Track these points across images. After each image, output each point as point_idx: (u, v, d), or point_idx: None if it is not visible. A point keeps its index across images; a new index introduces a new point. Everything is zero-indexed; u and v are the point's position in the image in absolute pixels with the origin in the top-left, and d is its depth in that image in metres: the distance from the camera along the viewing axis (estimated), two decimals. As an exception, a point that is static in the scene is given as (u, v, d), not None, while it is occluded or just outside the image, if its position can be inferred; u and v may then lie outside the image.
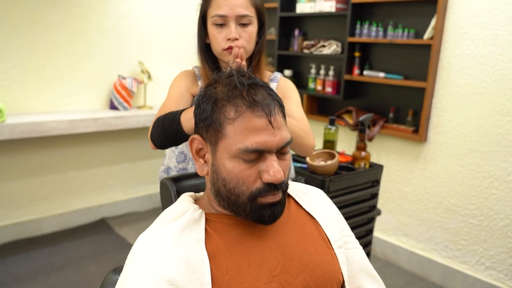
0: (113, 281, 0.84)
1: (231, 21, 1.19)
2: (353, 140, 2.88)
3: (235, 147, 0.73)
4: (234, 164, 0.74)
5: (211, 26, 1.21)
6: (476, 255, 2.39)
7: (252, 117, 0.73)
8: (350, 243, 0.93)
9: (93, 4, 2.80)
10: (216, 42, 1.21)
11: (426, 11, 2.47)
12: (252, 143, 0.72)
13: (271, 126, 0.73)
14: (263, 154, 0.74)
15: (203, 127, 0.78)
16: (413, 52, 2.58)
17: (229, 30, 1.19)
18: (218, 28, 1.20)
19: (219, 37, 1.20)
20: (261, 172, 0.74)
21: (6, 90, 2.55)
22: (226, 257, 0.75)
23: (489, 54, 2.22)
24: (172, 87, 1.29)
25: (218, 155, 0.76)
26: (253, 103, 0.73)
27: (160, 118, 1.12)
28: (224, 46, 1.20)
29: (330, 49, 2.94)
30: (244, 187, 0.74)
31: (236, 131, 0.73)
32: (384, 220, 2.82)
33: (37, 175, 2.79)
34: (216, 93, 0.77)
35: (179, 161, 1.36)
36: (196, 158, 0.82)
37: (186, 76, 1.31)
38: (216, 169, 0.77)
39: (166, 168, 1.41)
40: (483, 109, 2.27)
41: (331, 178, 1.69)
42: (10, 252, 2.61)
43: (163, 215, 0.82)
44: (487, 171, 2.29)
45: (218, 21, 1.19)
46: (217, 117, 0.75)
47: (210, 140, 0.77)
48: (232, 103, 0.74)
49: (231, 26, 1.19)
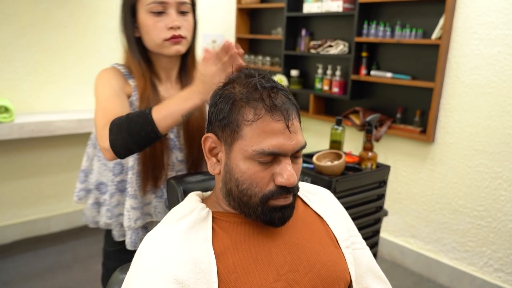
0: (120, 280, 0.84)
1: (171, 8, 1.08)
2: (360, 140, 2.87)
3: (251, 149, 0.73)
4: (249, 166, 0.74)
5: (147, 15, 1.08)
6: (484, 257, 2.37)
7: (271, 121, 0.73)
8: (358, 243, 0.92)
9: (101, 4, 2.82)
10: (155, 32, 1.08)
11: (434, 10, 2.45)
12: (269, 146, 0.72)
13: (288, 130, 0.74)
14: (278, 157, 0.75)
15: (219, 127, 0.78)
16: (421, 52, 2.57)
17: (169, 18, 1.08)
18: (156, 17, 1.07)
19: (158, 26, 1.08)
20: (275, 175, 0.75)
21: (15, 90, 2.58)
22: (233, 255, 0.75)
23: (498, 54, 2.20)
24: (102, 87, 1.09)
25: (232, 155, 0.76)
26: (273, 107, 0.74)
27: (122, 122, 0.95)
28: (166, 35, 1.08)
29: (337, 49, 2.93)
30: (257, 188, 0.75)
31: (253, 133, 0.73)
32: (391, 221, 2.80)
33: (45, 174, 2.82)
34: (235, 93, 0.77)
35: (116, 173, 1.17)
36: (209, 156, 0.82)
37: (114, 75, 1.13)
38: (230, 169, 0.77)
39: (98, 184, 1.21)
40: (492, 110, 2.25)
41: (337, 178, 1.69)
42: (19, 250, 2.64)
43: (170, 214, 0.82)
44: (495, 172, 2.27)
45: (157, 8, 1.07)
46: (235, 118, 0.75)
47: (225, 140, 0.77)
48: (252, 105, 0.74)
49: (172, 13, 1.08)
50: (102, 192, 1.22)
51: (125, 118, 0.96)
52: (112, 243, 1.28)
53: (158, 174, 1.16)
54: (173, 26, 1.08)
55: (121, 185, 1.17)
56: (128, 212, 1.15)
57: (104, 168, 1.19)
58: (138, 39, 1.13)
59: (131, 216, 1.15)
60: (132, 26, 1.11)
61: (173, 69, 1.20)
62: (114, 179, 1.16)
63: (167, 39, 1.08)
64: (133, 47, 1.13)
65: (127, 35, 1.13)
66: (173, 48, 1.10)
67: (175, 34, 1.08)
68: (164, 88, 1.18)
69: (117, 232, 1.23)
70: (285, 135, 0.74)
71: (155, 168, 1.14)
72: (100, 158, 1.20)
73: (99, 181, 1.21)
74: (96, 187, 1.21)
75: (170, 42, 1.09)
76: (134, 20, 1.11)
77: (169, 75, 1.19)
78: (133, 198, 1.15)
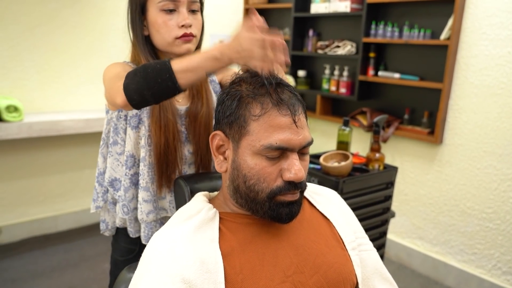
0: (127, 279, 0.85)
1: (183, 6, 1.06)
2: (367, 141, 2.86)
3: (258, 144, 0.73)
4: (256, 161, 0.75)
5: (158, 13, 1.06)
6: (493, 259, 2.35)
7: (278, 115, 0.74)
8: (364, 245, 0.92)
9: (110, 5, 2.84)
10: (166, 30, 1.06)
11: (443, 11, 2.43)
12: (276, 140, 0.73)
13: (295, 125, 0.74)
14: (285, 153, 0.75)
15: (227, 124, 0.78)
16: (429, 52, 2.55)
17: (181, 16, 1.06)
18: (168, 15, 1.05)
19: (170, 24, 1.06)
20: (283, 170, 0.75)
21: (24, 90, 2.60)
22: (240, 256, 0.75)
23: (508, 55, 2.18)
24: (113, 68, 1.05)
25: (240, 152, 0.76)
26: (280, 102, 0.74)
27: (138, 68, 0.89)
28: (178, 33, 1.06)
29: (344, 49, 2.92)
30: (264, 184, 0.75)
31: (260, 128, 0.74)
32: (398, 222, 2.79)
33: (53, 173, 2.84)
34: (241, 90, 0.78)
35: (129, 166, 1.14)
36: (216, 154, 0.82)
37: (124, 66, 1.08)
38: (237, 166, 0.77)
39: (111, 181, 1.18)
40: (501, 111, 2.23)
41: (344, 179, 1.68)
42: (27, 248, 2.66)
43: (178, 214, 0.82)
44: (504, 174, 2.25)
45: (168, 6, 1.05)
46: (242, 113, 0.76)
47: (233, 137, 0.78)
48: (258, 100, 0.75)
49: (183, 11, 1.06)
50: (116, 189, 1.19)
51: (142, 65, 0.90)
52: (122, 252, 1.26)
53: (172, 167, 1.15)
54: (185, 24, 1.06)
55: (135, 178, 1.16)
56: (141, 205, 1.14)
57: (117, 164, 1.17)
58: (146, 37, 1.11)
59: (143, 209, 1.14)
60: (141, 24, 1.09)
61: None
62: (128, 173, 1.14)
63: (179, 37, 1.06)
64: (141, 46, 1.10)
65: (135, 33, 1.11)
66: (184, 46, 1.08)
67: (186, 32, 1.06)
68: None
69: (133, 228, 1.21)
70: (292, 130, 0.74)
71: (169, 161, 1.13)
72: (112, 154, 1.17)
73: (112, 177, 1.18)
74: (110, 184, 1.19)
75: (181, 40, 1.07)
76: (143, 18, 1.09)
77: None
78: (145, 190, 1.13)
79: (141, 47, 1.10)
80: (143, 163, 1.12)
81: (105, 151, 1.20)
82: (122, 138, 1.15)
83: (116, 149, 1.16)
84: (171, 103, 1.11)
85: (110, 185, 1.19)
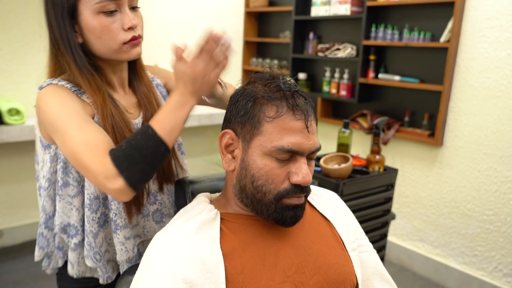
0: (129, 280, 0.85)
1: (124, 5, 0.89)
2: (367, 143, 2.86)
3: (270, 145, 0.75)
4: (266, 162, 0.76)
5: (95, 16, 0.87)
6: (494, 261, 2.34)
7: (292, 119, 0.76)
8: (364, 246, 0.93)
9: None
10: (110, 36, 0.89)
11: (443, 13, 2.44)
12: (288, 143, 0.74)
13: (307, 130, 0.76)
14: (294, 156, 0.76)
15: (239, 123, 0.79)
16: (429, 55, 2.56)
17: (126, 17, 0.89)
18: (109, 17, 0.88)
19: (113, 28, 0.88)
20: (291, 174, 0.76)
21: (26, 93, 2.61)
22: (241, 256, 0.75)
23: (508, 57, 2.18)
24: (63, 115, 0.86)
25: (250, 151, 0.77)
26: (295, 106, 0.76)
27: (129, 153, 0.81)
28: (126, 37, 0.89)
29: (345, 52, 2.93)
30: (272, 185, 0.76)
31: (274, 129, 0.75)
32: (399, 224, 2.79)
33: (55, 175, 2.85)
34: (256, 91, 0.79)
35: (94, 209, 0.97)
36: (224, 153, 0.83)
37: (67, 95, 0.90)
38: (246, 165, 0.78)
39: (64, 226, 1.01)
40: (501, 113, 2.24)
41: (345, 181, 1.69)
42: (29, 251, 2.66)
43: (179, 215, 0.83)
44: (505, 176, 2.25)
45: (109, 7, 0.87)
46: (256, 114, 0.77)
47: (244, 136, 0.79)
48: (274, 103, 0.76)
49: (126, 11, 0.90)
50: (71, 236, 1.01)
51: (130, 147, 0.81)
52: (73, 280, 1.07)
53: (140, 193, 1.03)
54: (131, 26, 0.89)
55: (102, 219, 1.00)
56: (123, 245, 1.01)
57: (69, 208, 0.99)
58: (81, 45, 0.92)
59: (129, 247, 1.02)
60: (72, 30, 0.90)
61: (124, 72, 1.03)
62: (94, 217, 0.98)
63: (127, 42, 0.90)
64: (77, 58, 0.91)
65: (66, 43, 0.90)
66: (133, 51, 0.93)
67: (135, 35, 0.91)
68: (119, 96, 1.01)
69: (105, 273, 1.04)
70: (303, 134, 0.76)
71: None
72: (63, 197, 0.98)
73: (65, 223, 1.01)
74: (62, 230, 1.02)
75: (129, 45, 0.91)
76: (73, 22, 0.90)
77: (122, 81, 1.03)
78: (124, 228, 1.00)
79: (77, 59, 0.90)
80: (117, 201, 0.98)
81: (52, 193, 1.01)
82: (75, 179, 0.96)
83: (68, 191, 0.98)
84: (125, 121, 0.95)
85: (63, 231, 1.02)
